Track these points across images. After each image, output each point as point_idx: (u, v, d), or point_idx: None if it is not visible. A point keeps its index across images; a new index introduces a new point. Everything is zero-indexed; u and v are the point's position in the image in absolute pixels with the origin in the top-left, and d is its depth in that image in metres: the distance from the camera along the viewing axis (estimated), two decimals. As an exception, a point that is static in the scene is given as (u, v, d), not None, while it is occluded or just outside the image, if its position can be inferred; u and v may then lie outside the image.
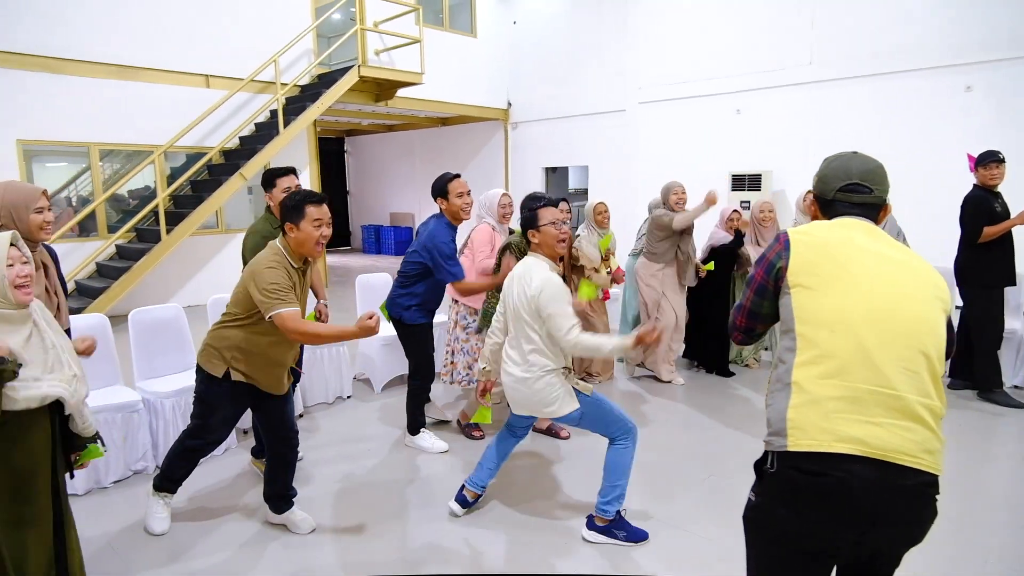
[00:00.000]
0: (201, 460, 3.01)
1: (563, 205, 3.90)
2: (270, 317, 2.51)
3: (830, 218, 1.69)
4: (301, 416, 4.42)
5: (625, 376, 5.37)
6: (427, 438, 3.91)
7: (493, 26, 11.83)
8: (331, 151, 16.09)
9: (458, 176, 3.74)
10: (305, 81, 9.46)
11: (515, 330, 2.83)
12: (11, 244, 1.83)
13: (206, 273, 8.72)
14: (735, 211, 5.19)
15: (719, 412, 4.53)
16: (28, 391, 1.79)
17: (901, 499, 1.43)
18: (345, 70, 9.11)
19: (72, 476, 2.11)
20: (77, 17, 7.51)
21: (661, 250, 5.02)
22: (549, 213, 2.84)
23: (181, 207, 8.18)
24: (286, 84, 8.85)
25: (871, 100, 7.62)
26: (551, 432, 4.08)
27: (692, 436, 4.15)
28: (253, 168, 8.06)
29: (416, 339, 3.83)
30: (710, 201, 4.61)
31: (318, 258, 2.86)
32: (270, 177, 3.51)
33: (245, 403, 2.83)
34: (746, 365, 5.61)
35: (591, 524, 2.87)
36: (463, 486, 3.11)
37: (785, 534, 1.52)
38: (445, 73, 10.84)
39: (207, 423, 2.81)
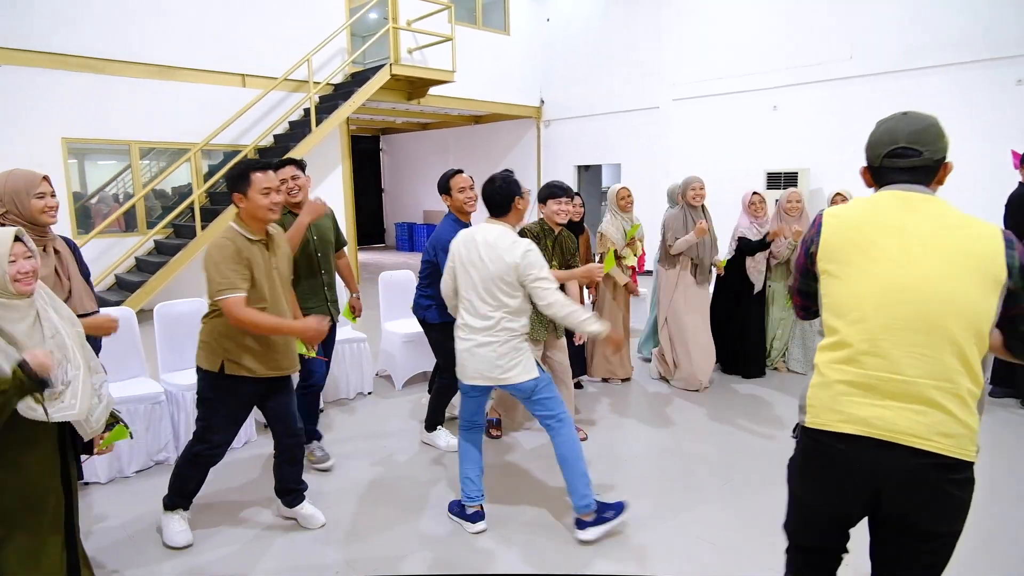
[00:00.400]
0: (211, 469, 2.87)
1: (577, 200, 3.92)
2: (216, 301, 2.50)
3: (880, 186, 1.65)
4: (322, 411, 4.46)
5: (649, 376, 5.28)
6: (442, 436, 3.90)
7: (526, 24, 11.79)
8: (367, 149, 16.28)
9: (460, 171, 3.73)
10: (338, 80, 9.56)
11: (482, 296, 2.74)
12: (16, 240, 1.84)
13: (240, 268, 8.89)
14: (755, 193, 5.08)
15: (741, 416, 4.40)
16: (33, 413, 1.78)
17: (911, 479, 1.47)
18: (377, 69, 9.19)
19: (79, 461, 2.13)
20: (120, 20, 7.74)
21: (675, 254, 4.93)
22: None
23: (217, 204, 8.36)
24: (319, 83, 8.97)
25: (914, 95, 7.30)
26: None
27: (711, 440, 4.03)
28: (286, 166, 8.18)
29: (440, 337, 3.81)
30: (700, 233, 4.62)
31: (273, 220, 2.69)
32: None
33: (246, 400, 2.79)
34: (775, 368, 5.45)
35: (581, 524, 2.82)
36: (463, 506, 2.98)
37: (804, 491, 1.70)
38: (478, 71, 10.85)
39: (210, 423, 2.74)
